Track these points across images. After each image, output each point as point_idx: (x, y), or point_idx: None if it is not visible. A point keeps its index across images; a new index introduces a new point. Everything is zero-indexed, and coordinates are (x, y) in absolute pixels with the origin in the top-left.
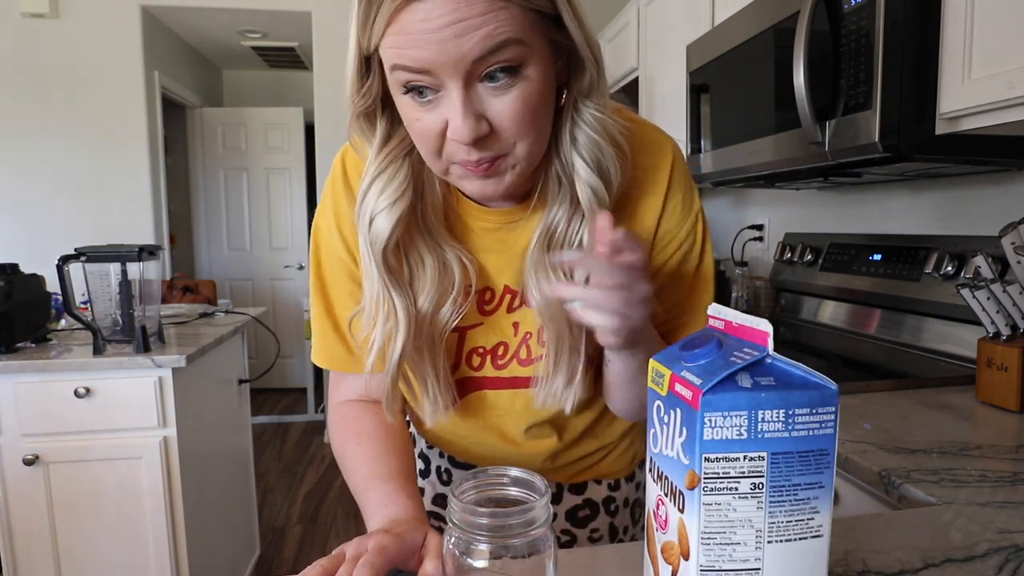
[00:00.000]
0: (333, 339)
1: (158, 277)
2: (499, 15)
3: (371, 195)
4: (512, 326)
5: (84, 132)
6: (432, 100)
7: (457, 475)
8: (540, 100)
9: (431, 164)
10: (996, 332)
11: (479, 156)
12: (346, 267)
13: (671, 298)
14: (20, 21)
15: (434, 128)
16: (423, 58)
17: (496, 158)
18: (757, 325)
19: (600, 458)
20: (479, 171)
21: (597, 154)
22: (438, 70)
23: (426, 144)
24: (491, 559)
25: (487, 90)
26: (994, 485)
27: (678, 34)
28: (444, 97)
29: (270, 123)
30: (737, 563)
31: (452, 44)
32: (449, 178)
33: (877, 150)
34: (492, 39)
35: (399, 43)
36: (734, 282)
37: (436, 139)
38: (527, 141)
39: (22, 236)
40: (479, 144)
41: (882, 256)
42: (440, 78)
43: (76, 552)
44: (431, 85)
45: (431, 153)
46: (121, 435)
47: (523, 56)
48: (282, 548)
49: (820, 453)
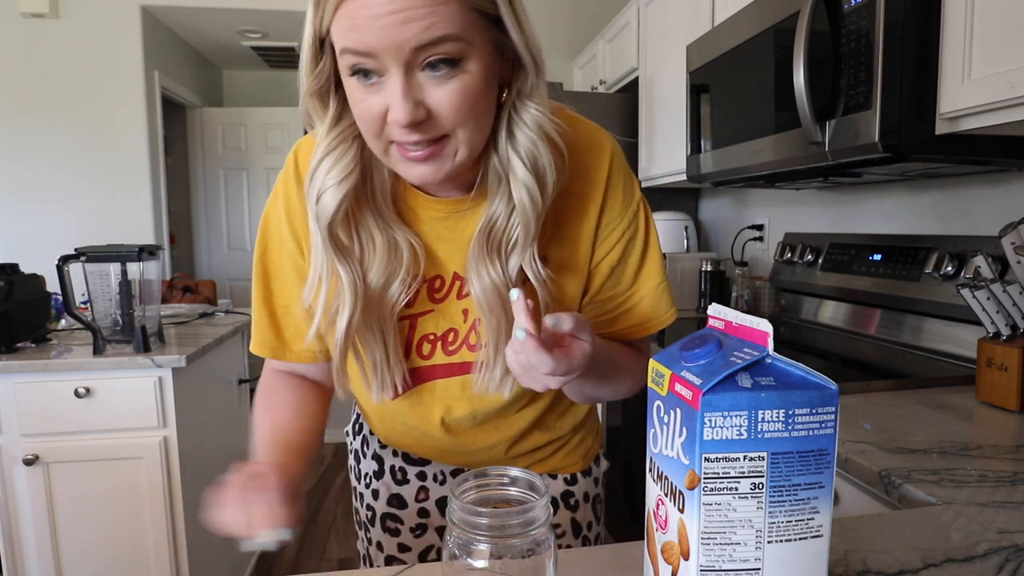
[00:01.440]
0: (266, 326)
1: (158, 277)
2: (440, 10)
3: (319, 172)
4: (462, 312)
5: (84, 132)
6: (376, 83)
7: (411, 472)
8: (478, 93)
9: (372, 145)
10: (996, 332)
11: (417, 138)
12: (293, 259)
13: (618, 283)
14: (20, 21)
15: (376, 110)
16: (367, 42)
17: (437, 141)
18: (757, 325)
19: (551, 452)
20: (417, 156)
21: (534, 152)
22: (381, 54)
23: (368, 125)
24: (491, 559)
25: (427, 78)
26: (994, 485)
27: (678, 34)
28: (387, 81)
29: (270, 123)
30: (737, 563)
31: (393, 31)
32: (388, 161)
33: (877, 150)
34: (431, 31)
35: (346, 26)
36: (734, 282)
37: (377, 121)
38: (466, 129)
39: (22, 236)
40: (417, 128)
41: (882, 256)
42: (383, 62)
43: (76, 552)
44: (375, 68)
45: (372, 135)
46: (121, 435)
47: (463, 51)
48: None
49: (820, 453)
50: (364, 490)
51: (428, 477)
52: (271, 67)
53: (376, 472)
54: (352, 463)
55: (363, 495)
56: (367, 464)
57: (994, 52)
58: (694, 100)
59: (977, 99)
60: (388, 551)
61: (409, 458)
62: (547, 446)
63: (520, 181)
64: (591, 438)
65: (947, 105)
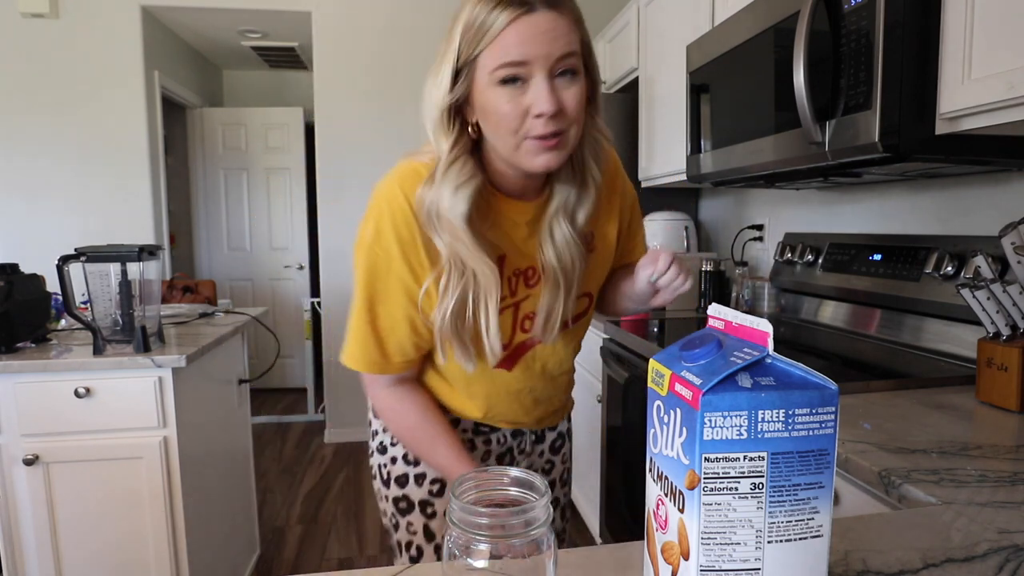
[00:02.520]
0: (372, 346)
1: (158, 277)
2: (572, 34)
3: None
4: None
5: (84, 132)
6: (521, 88)
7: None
8: (584, 101)
9: (506, 142)
10: (996, 332)
11: (554, 128)
12: (405, 285)
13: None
14: (20, 21)
15: (520, 109)
16: (527, 52)
17: (560, 134)
18: (757, 325)
19: (566, 400)
20: (551, 144)
21: (597, 151)
22: (533, 62)
23: (510, 123)
24: (491, 559)
25: (560, 82)
26: (994, 485)
27: (678, 34)
28: (532, 85)
29: (270, 123)
30: (737, 563)
31: (547, 45)
32: (518, 154)
33: (877, 150)
34: (569, 46)
35: (507, 45)
36: (734, 282)
37: (519, 118)
38: (576, 127)
39: (22, 236)
40: (554, 118)
41: (882, 256)
42: (532, 68)
43: (76, 552)
44: (524, 75)
45: (511, 132)
46: (121, 435)
47: (579, 67)
48: (282, 548)
49: (820, 453)
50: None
51: (492, 441)
52: (271, 67)
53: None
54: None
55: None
56: None
57: (994, 52)
58: (694, 100)
59: (977, 99)
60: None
61: (478, 430)
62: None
63: (592, 171)
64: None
65: (947, 105)
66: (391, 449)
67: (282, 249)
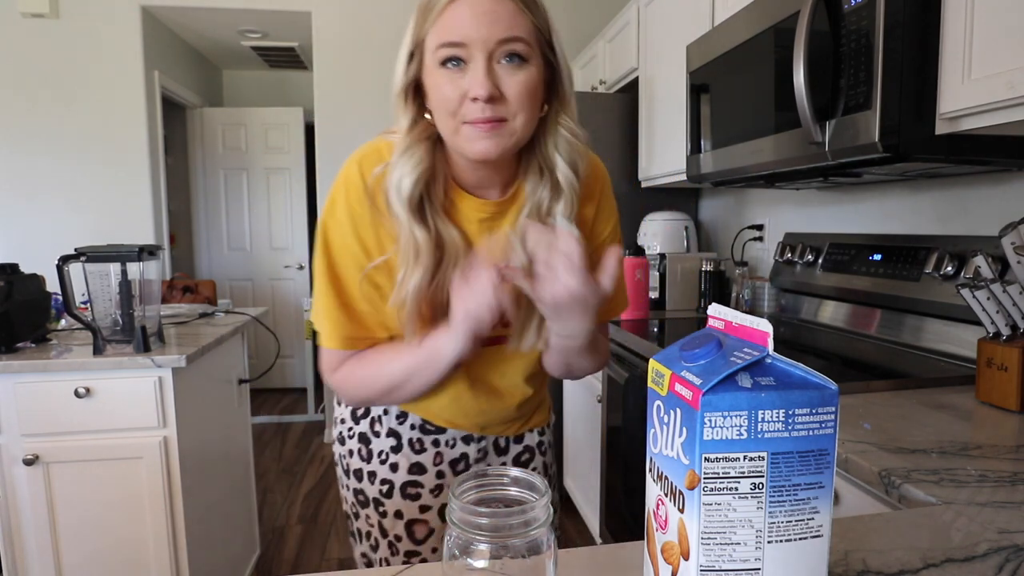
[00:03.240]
0: (344, 321)
1: (158, 277)
2: (519, 18)
3: (402, 160)
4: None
5: (84, 132)
6: (460, 70)
7: (427, 440)
8: (534, 89)
9: (446, 125)
10: (996, 332)
11: (489, 114)
12: (357, 261)
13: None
14: (20, 21)
15: (457, 92)
16: (464, 33)
17: (500, 120)
18: (757, 325)
19: (534, 409)
20: (485, 129)
21: (571, 152)
22: (472, 44)
23: (448, 104)
24: (491, 559)
25: (502, 68)
26: (994, 485)
27: (678, 34)
28: (470, 67)
29: (270, 123)
30: (737, 563)
31: (486, 27)
32: (457, 138)
33: (877, 150)
34: (512, 31)
35: (446, 25)
36: (734, 282)
37: (457, 101)
38: (522, 117)
39: (22, 236)
40: (489, 102)
41: (882, 256)
42: (471, 50)
43: (76, 552)
44: (463, 57)
45: (449, 114)
46: (121, 435)
47: (528, 53)
48: (282, 548)
49: (820, 453)
50: (379, 466)
51: (442, 443)
52: (271, 67)
53: (394, 447)
54: (356, 446)
55: (375, 472)
56: (383, 442)
57: (994, 52)
58: (694, 100)
59: (977, 99)
60: (409, 515)
61: (425, 429)
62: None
63: (562, 171)
64: (548, 395)
65: (947, 105)
66: (348, 441)
67: (282, 249)
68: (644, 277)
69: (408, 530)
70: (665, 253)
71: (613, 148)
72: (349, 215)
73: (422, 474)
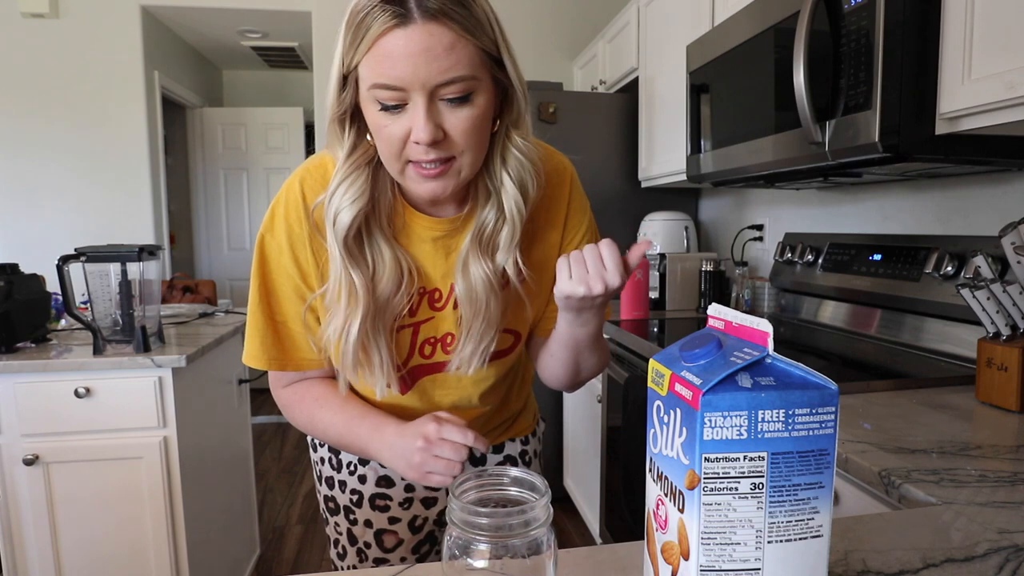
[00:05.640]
0: (271, 341)
1: (158, 277)
2: (459, 52)
3: (337, 194)
4: (457, 319)
5: (84, 132)
6: (400, 111)
7: None
8: (483, 122)
9: (391, 165)
10: (996, 332)
11: (433, 156)
12: (292, 281)
13: None
14: (20, 21)
15: (399, 134)
16: (399, 75)
17: (447, 160)
18: (757, 325)
19: (512, 422)
20: (431, 173)
21: (520, 172)
22: (409, 86)
23: (390, 147)
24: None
25: (444, 106)
26: (994, 485)
27: (678, 34)
28: (410, 108)
29: (270, 123)
30: (737, 563)
31: (423, 68)
32: (404, 179)
33: (877, 150)
34: (451, 71)
35: (378, 63)
36: (734, 282)
37: (399, 143)
38: (471, 153)
39: (22, 236)
40: (433, 146)
41: (882, 256)
42: (409, 93)
43: (76, 552)
44: (400, 101)
45: (393, 156)
46: (121, 435)
47: (473, 87)
48: (282, 548)
49: (820, 453)
50: (348, 476)
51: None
52: (271, 67)
53: (361, 459)
54: (327, 455)
55: (345, 482)
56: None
57: (994, 52)
58: (694, 100)
59: (977, 99)
60: (379, 525)
61: None
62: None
63: (510, 195)
64: (533, 404)
65: (947, 105)
66: (319, 449)
67: None
68: (644, 277)
69: (377, 539)
70: (665, 253)
71: (613, 148)
72: (287, 233)
73: (391, 487)
